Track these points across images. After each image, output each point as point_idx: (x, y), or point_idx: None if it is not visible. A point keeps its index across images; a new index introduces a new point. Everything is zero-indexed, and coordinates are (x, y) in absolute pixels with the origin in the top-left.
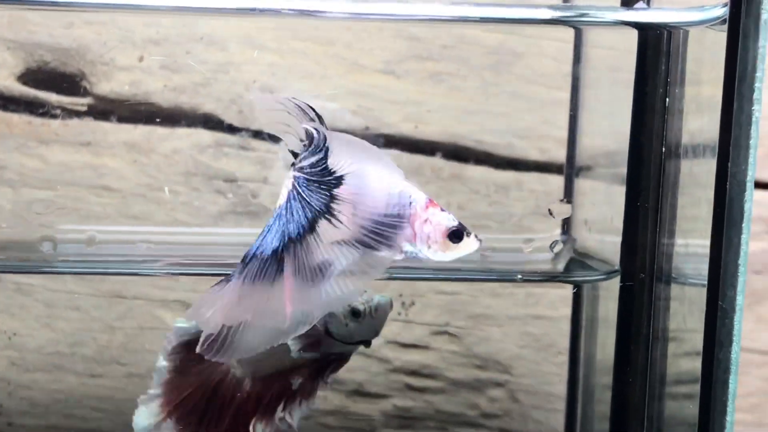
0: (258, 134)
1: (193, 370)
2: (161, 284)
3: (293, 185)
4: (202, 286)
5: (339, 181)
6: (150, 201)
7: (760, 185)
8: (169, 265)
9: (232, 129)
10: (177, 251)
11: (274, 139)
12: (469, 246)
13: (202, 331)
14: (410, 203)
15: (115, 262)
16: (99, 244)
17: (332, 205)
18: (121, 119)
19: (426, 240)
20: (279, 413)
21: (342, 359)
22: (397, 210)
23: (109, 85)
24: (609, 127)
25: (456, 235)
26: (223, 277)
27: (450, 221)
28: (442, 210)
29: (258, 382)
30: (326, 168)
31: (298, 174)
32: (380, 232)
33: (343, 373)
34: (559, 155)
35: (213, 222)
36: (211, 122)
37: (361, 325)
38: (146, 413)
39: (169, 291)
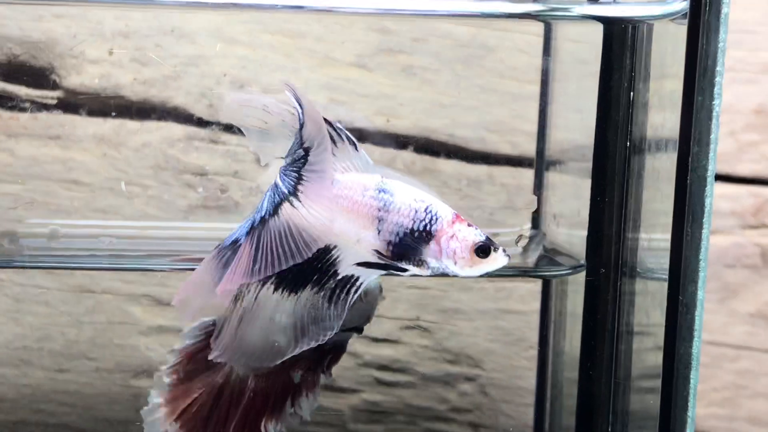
0: (229, 128)
1: (196, 378)
2: (129, 279)
3: (275, 180)
4: (172, 281)
5: (306, 160)
6: (119, 195)
7: (733, 179)
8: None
9: (202, 122)
10: (145, 245)
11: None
12: (496, 261)
13: (201, 341)
14: (436, 219)
15: (81, 256)
16: (65, 238)
17: (298, 185)
18: (91, 113)
19: (452, 255)
20: (288, 409)
21: (339, 348)
22: (423, 225)
23: (78, 78)
24: (578, 121)
25: (483, 250)
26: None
27: (477, 236)
28: (470, 225)
29: (261, 379)
30: (305, 158)
31: (282, 169)
32: (406, 247)
33: None
34: (531, 149)
35: (183, 216)
36: (182, 116)
37: (352, 311)
38: (151, 424)
39: (138, 285)
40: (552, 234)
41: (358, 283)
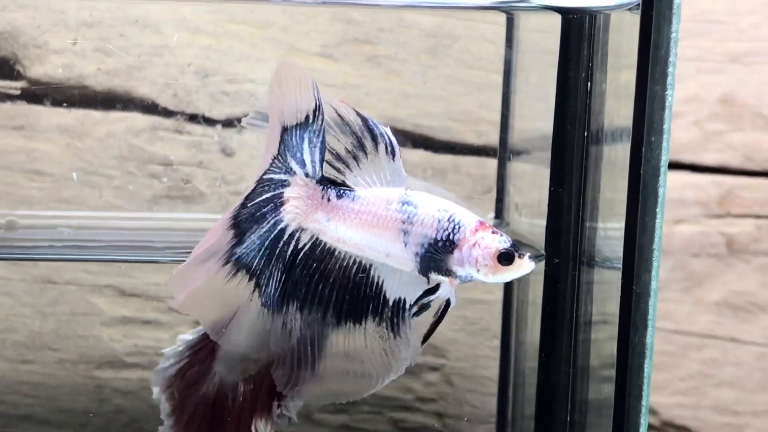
0: (193, 118)
1: (188, 396)
2: (93, 269)
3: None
4: (135, 272)
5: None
6: (83, 185)
7: (698, 169)
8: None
9: (167, 113)
10: (109, 236)
11: (210, 122)
12: (521, 268)
13: (187, 358)
14: (459, 227)
15: (41, 247)
16: (26, 228)
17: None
18: (55, 103)
19: (474, 264)
20: (275, 409)
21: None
22: (446, 235)
23: (42, 68)
24: (541, 111)
25: (506, 257)
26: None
27: (500, 244)
28: (494, 232)
29: (249, 382)
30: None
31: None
32: (433, 258)
33: None
34: (497, 139)
35: (147, 206)
36: (146, 106)
37: None
38: None
39: (101, 276)
40: (514, 223)
41: (407, 306)
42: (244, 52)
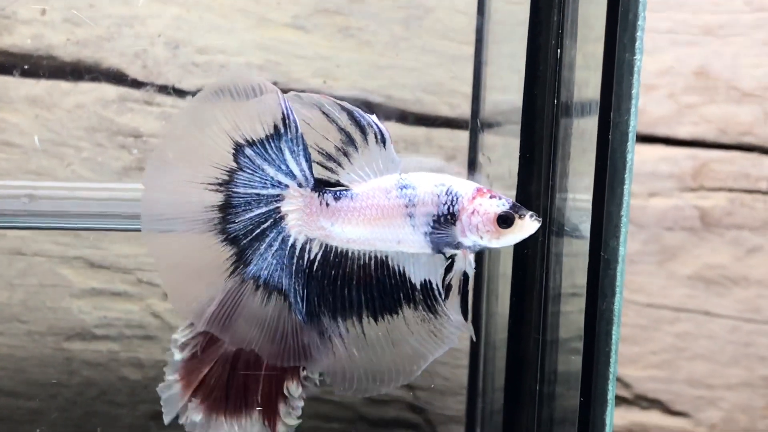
0: (163, 89)
1: (208, 350)
2: (62, 241)
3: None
4: (104, 243)
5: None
6: (52, 156)
7: (672, 142)
8: None
9: (136, 84)
10: (76, 207)
11: (180, 94)
12: (523, 228)
13: None
14: (457, 198)
15: (8, 215)
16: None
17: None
18: (24, 74)
19: (476, 231)
20: (302, 372)
21: None
22: (447, 208)
23: (10, 38)
24: (514, 82)
25: (505, 220)
26: None
27: (498, 207)
28: (492, 197)
29: None
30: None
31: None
32: (441, 234)
33: None
34: (469, 111)
35: (117, 178)
36: (116, 77)
37: None
38: (170, 400)
39: (71, 248)
40: None
41: (434, 285)
42: (214, 22)
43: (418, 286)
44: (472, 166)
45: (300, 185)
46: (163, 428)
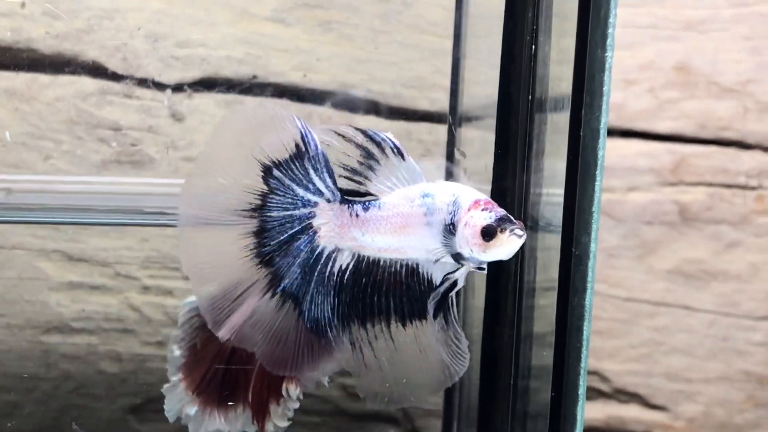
0: (143, 82)
1: (207, 346)
2: (40, 234)
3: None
4: (83, 237)
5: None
6: (31, 149)
7: (651, 137)
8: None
9: (116, 77)
10: (55, 200)
11: (160, 87)
12: (504, 243)
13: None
14: (458, 208)
15: None
16: None
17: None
18: (3, 66)
19: (467, 243)
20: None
21: None
22: (451, 218)
23: None
24: (491, 77)
25: (487, 233)
26: None
27: (485, 220)
28: (485, 209)
29: None
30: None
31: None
32: (451, 242)
33: None
34: (448, 105)
35: (96, 171)
36: (95, 70)
37: None
38: (174, 400)
39: (49, 241)
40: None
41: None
42: (195, 16)
43: (444, 293)
44: (450, 160)
45: (329, 201)
46: (141, 421)
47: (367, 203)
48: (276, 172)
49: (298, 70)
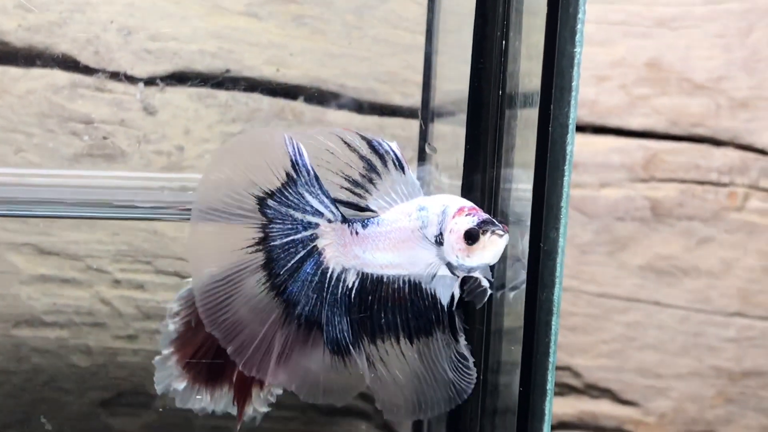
0: (115, 75)
1: (200, 326)
2: (11, 227)
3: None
4: (54, 230)
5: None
6: (2, 142)
7: (623, 133)
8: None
9: (88, 70)
10: (25, 193)
11: (132, 80)
12: (487, 245)
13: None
14: (444, 217)
15: None
16: None
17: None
18: None
19: (453, 249)
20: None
21: None
22: (439, 229)
23: None
24: (462, 72)
25: (469, 236)
26: None
27: (467, 224)
28: (469, 214)
29: None
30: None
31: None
32: (440, 254)
33: None
34: (420, 100)
35: (68, 165)
36: (67, 63)
37: None
38: (164, 372)
39: (19, 234)
40: (435, 184)
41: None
42: (167, 9)
43: (446, 308)
44: (422, 155)
45: (330, 221)
46: (112, 415)
47: (366, 220)
48: (271, 202)
49: (271, 64)
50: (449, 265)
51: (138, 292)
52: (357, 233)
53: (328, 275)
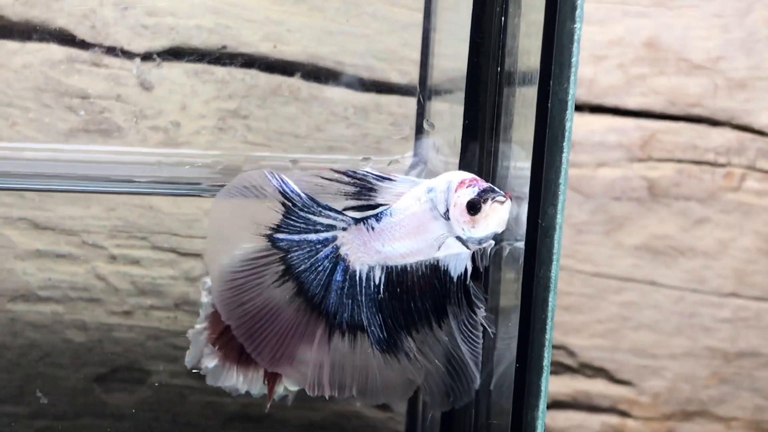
0: (111, 50)
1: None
2: (6, 202)
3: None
4: (49, 204)
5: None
6: None
7: (621, 112)
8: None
9: (84, 45)
10: (21, 167)
11: (128, 56)
12: (490, 213)
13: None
14: (449, 193)
15: None
16: None
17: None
18: None
19: (457, 223)
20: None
21: None
22: (445, 206)
23: None
24: (461, 50)
25: (472, 206)
26: None
27: (468, 195)
28: (469, 186)
29: None
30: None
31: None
32: (453, 231)
33: (195, 294)
34: (418, 78)
35: (64, 140)
36: (64, 38)
37: None
38: (197, 347)
39: (15, 208)
40: (432, 162)
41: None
42: None
43: (462, 283)
44: (420, 132)
45: (344, 228)
46: (106, 391)
47: (379, 214)
48: (280, 235)
49: (268, 40)
50: (460, 239)
51: (134, 268)
52: (373, 228)
53: (357, 277)
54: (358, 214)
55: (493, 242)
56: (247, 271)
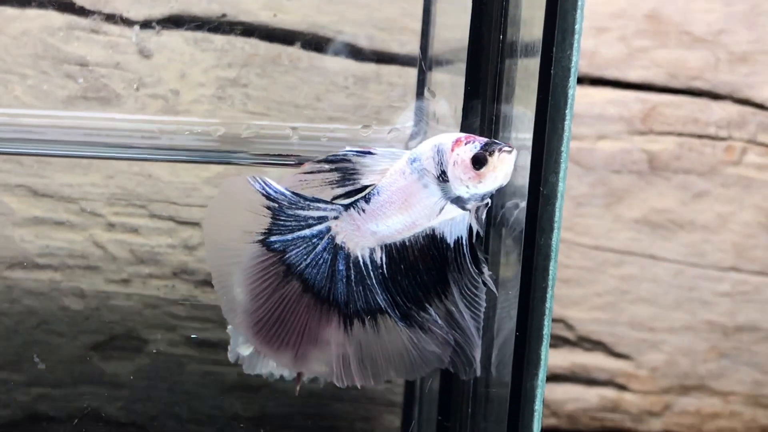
0: (110, 18)
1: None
2: (4, 168)
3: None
4: (48, 171)
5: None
6: None
7: (622, 85)
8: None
9: (83, 12)
10: (20, 133)
11: (128, 23)
12: (498, 164)
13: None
14: (442, 154)
15: None
16: None
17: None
18: None
19: (461, 182)
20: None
21: None
22: (439, 168)
23: None
24: (462, 20)
25: (477, 161)
26: None
27: (471, 151)
28: (468, 142)
29: None
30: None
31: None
32: (447, 193)
33: (193, 263)
34: (419, 48)
35: (62, 107)
36: (63, 4)
37: None
38: (237, 339)
39: (13, 175)
40: (432, 132)
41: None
42: None
43: (451, 244)
44: (420, 102)
45: (336, 217)
46: (103, 359)
47: (367, 195)
48: (273, 238)
49: (267, 9)
50: (459, 201)
51: (132, 236)
52: (364, 211)
53: (361, 263)
54: (346, 201)
55: (489, 201)
56: (251, 282)
